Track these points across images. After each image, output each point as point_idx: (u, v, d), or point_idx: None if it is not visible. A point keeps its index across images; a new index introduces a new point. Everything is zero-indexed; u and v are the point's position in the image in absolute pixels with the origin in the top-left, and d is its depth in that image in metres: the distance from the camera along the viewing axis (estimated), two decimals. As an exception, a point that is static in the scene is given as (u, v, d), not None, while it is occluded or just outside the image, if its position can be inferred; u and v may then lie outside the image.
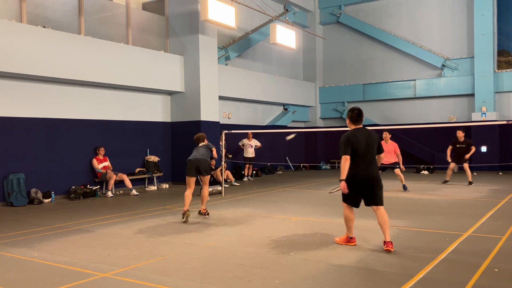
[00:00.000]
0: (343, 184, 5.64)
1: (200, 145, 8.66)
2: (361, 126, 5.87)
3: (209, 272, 4.86)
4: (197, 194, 9.27)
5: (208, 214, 8.41)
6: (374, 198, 5.71)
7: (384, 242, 5.67)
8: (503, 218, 7.72)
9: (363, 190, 5.71)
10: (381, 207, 5.71)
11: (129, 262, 5.30)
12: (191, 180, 8.23)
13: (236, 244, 6.15)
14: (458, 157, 13.13)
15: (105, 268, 5.07)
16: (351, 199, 5.81)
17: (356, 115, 5.83)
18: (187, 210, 7.87)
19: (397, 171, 11.77)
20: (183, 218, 7.82)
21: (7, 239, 6.67)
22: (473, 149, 13.06)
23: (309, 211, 8.87)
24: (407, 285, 4.32)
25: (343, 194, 5.83)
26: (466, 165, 12.96)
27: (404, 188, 11.78)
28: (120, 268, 5.06)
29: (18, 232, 7.19)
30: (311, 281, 4.50)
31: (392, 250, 5.54)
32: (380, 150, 5.87)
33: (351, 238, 6.00)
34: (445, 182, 13.37)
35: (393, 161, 11.75)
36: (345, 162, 5.60)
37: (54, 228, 7.50)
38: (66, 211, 9.44)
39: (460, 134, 13.07)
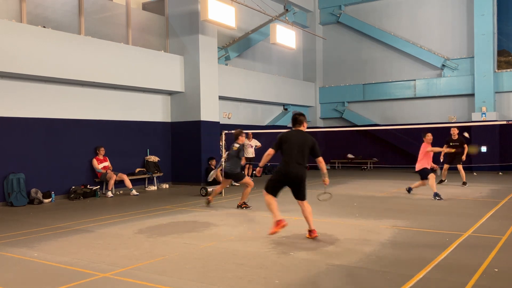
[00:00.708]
0: (258, 170, 6.79)
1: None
2: (299, 129, 6.49)
3: (209, 272, 4.86)
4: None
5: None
6: (298, 194, 6.42)
7: (309, 231, 6.39)
8: (503, 218, 7.72)
9: (289, 185, 6.37)
10: (304, 202, 6.41)
11: (129, 262, 5.30)
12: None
13: (236, 244, 6.15)
14: (451, 156, 13.04)
15: (105, 268, 5.07)
16: (270, 188, 6.45)
17: (293, 119, 6.57)
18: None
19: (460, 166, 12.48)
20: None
21: (7, 239, 6.67)
22: (466, 147, 13.00)
23: (309, 211, 8.86)
24: (407, 285, 4.32)
25: (266, 183, 6.49)
26: (460, 166, 12.96)
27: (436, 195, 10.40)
28: (120, 268, 5.06)
29: (18, 232, 7.19)
30: (311, 281, 4.50)
31: (317, 235, 6.30)
32: (315, 154, 6.45)
33: (278, 221, 6.24)
34: (441, 181, 13.33)
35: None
36: (267, 154, 6.41)
37: (54, 228, 7.50)
38: (66, 211, 9.44)
39: (455, 132, 13.06)
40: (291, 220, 7.95)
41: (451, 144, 12.92)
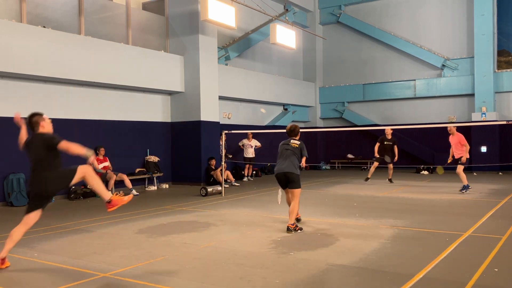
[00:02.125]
0: None
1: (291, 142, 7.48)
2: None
3: (209, 272, 4.86)
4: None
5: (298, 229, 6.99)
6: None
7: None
8: (503, 218, 7.73)
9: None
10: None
11: (129, 262, 5.30)
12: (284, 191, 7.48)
13: (236, 244, 6.15)
14: (383, 154, 13.69)
15: (105, 268, 5.07)
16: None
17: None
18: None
19: (458, 168, 11.21)
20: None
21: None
22: (396, 148, 13.74)
23: (309, 211, 8.86)
24: (407, 285, 4.32)
25: None
26: (390, 165, 13.80)
27: (464, 188, 11.10)
28: (120, 268, 5.06)
29: (18, 232, 7.18)
30: (311, 281, 4.50)
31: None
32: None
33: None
34: (367, 179, 13.83)
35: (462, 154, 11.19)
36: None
37: (54, 228, 7.50)
38: (66, 211, 9.44)
39: (388, 131, 13.64)
40: (291, 220, 7.94)
41: (385, 143, 13.69)
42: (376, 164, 13.92)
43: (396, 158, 13.79)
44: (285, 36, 16.23)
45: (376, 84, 20.31)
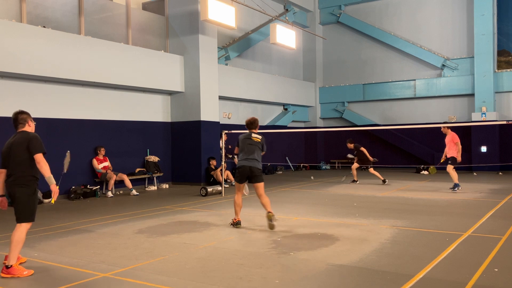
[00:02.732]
0: None
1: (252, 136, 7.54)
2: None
3: (209, 272, 4.86)
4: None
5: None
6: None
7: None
8: (503, 218, 7.73)
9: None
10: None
11: (129, 262, 5.30)
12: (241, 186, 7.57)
13: (236, 244, 6.15)
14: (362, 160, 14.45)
15: (105, 268, 5.07)
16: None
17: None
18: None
19: (448, 167, 11.48)
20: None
21: (7, 239, 6.66)
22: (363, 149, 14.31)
23: (309, 211, 8.87)
24: (407, 285, 4.32)
25: None
26: (371, 169, 14.44)
27: (455, 186, 11.47)
28: (120, 268, 5.06)
29: (18, 232, 7.17)
30: (311, 281, 4.50)
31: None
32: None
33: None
34: (354, 181, 14.35)
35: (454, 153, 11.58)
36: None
37: (54, 228, 7.50)
38: (66, 211, 9.43)
39: (350, 146, 14.43)
40: (290, 220, 7.95)
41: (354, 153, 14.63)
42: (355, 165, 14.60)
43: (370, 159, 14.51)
44: (285, 36, 16.23)
45: (376, 84, 20.32)
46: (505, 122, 9.07)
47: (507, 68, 17.62)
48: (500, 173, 16.79)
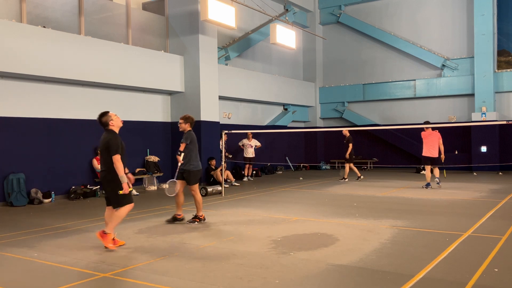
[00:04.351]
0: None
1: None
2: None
3: (209, 272, 4.86)
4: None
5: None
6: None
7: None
8: (503, 218, 7.73)
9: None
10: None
11: (129, 262, 5.31)
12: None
13: (236, 244, 6.15)
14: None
15: (105, 268, 5.07)
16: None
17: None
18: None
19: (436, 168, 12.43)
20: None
21: (7, 239, 6.67)
22: (350, 146, 15.05)
23: (309, 211, 8.87)
24: (407, 285, 4.32)
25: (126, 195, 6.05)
26: (351, 164, 14.95)
27: (428, 187, 12.31)
28: (120, 268, 5.06)
29: (18, 232, 7.19)
30: (311, 281, 4.50)
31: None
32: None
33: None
34: (343, 179, 14.93)
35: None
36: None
37: (54, 228, 7.50)
38: (66, 211, 9.44)
39: (345, 132, 15.23)
40: (290, 220, 7.96)
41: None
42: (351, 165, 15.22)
43: (346, 155, 15.21)
44: (285, 36, 16.23)
45: (376, 84, 20.32)
46: (505, 122, 9.07)
47: (507, 68, 17.62)
48: (500, 173, 16.79)
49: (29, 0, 11.04)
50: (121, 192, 5.88)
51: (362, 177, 15.06)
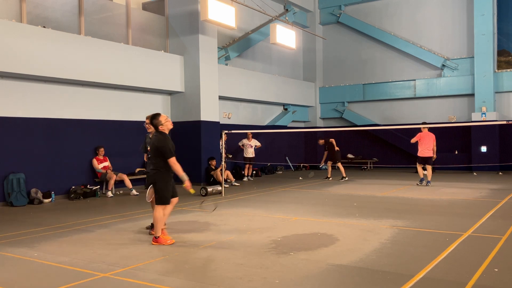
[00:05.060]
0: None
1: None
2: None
3: (209, 272, 4.86)
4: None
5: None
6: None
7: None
8: (503, 218, 7.73)
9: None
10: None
11: (129, 262, 5.31)
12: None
13: (236, 244, 6.15)
14: (329, 156, 15.69)
15: (105, 268, 5.07)
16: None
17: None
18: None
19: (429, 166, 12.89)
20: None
21: (7, 239, 6.67)
22: (332, 141, 15.44)
23: (309, 211, 8.87)
24: (407, 285, 4.32)
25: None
26: (339, 164, 15.36)
27: (421, 181, 13.02)
28: (120, 268, 5.06)
29: (18, 232, 7.19)
30: (311, 281, 4.50)
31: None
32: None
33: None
34: (327, 178, 15.40)
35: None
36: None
37: (54, 228, 7.50)
38: (66, 211, 9.44)
39: (320, 142, 15.88)
40: (290, 220, 7.96)
41: (326, 149, 15.73)
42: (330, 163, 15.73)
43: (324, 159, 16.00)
44: (285, 36, 16.23)
45: (376, 84, 20.32)
46: (505, 122, 9.08)
47: (507, 68, 17.62)
48: (500, 173, 16.79)
49: (29, 0, 11.04)
50: (186, 188, 6.31)
51: (331, 178, 15.44)
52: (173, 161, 6.23)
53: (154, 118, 6.33)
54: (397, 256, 5.37)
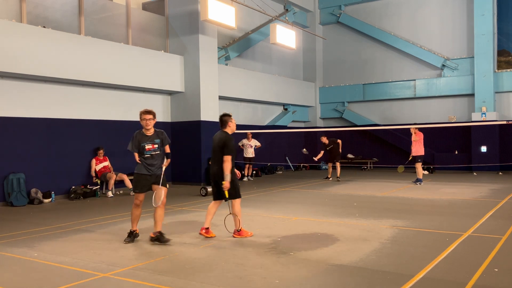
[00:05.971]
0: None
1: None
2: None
3: (209, 272, 4.86)
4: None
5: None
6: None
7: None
8: (503, 218, 7.73)
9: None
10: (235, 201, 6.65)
11: (129, 262, 5.31)
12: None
13: (236, 244, 6.15)
14: (331, 156, 15.36)
15: (105, 268, 5.07)
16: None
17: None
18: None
19: (418, 165, 13.22)
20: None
21: (7, 239, 6.67)
22: (340, 142, 15.48)
23: (309, 211, 8.87)
24: (407, 285, 4.32)
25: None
26: (337, 164, 15.27)
27: (417, 181, 13.24)
28: (120, 268, 5.06)
29: (18, 232, 7.19)
30: (311, 281, 4.50)
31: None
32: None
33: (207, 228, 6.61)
34: (327, 178, 15.44)
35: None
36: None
37: (54, 228, 7.50)
38: (66, 211, 9.44)
39: (324, 140, 15.38)
40: (290, 220, 7.96)
41: (327, 149, 15.34)
42: (330, 164, 15.65)
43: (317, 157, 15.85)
44: (285, 36, 16.23)
45: (376, 84, 20.32)
46: (505, 122, 9.10)
47: (507, 68, 17.62)
48: (500, 173, 16.79)
49: (29, 0, 11.04)
50: (223, 186, 6.32)
51: (331, 178, 15.43)
52: (227, 158, 6.36)
53: (225, 115, 6.67)
54: (397, 256, 5.37)
